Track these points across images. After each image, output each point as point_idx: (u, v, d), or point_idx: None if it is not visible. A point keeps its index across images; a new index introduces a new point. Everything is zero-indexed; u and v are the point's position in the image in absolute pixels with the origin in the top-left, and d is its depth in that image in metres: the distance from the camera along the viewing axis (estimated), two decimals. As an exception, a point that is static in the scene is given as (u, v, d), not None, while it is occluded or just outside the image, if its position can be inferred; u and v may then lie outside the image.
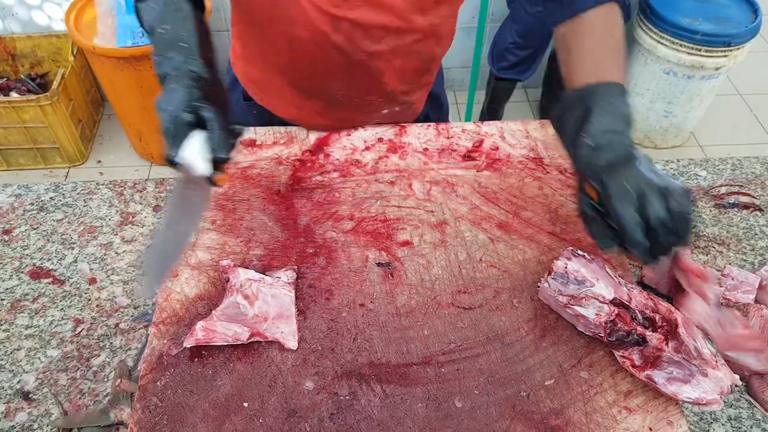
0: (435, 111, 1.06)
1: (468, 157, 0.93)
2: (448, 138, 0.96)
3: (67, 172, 2.23)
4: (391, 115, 0.91)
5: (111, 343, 0.83)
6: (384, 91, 0.83)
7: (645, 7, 2.10)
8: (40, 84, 2.25)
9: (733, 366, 0.79)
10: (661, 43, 2.06)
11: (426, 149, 0.94)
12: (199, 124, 0.63)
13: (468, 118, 2.29)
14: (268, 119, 0.96)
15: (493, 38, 2.22)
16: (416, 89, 0.92)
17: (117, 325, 0.84)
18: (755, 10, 2.07)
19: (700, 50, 2.02)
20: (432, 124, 0.98)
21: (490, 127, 0.97)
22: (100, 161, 2.27)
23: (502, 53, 2.17)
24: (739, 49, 2.03)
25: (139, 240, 0.92)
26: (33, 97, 1.98)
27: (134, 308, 0.86)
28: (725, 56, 2.03)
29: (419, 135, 0.96)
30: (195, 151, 0.62)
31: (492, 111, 2.36)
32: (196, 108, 0.62)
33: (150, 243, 0.69)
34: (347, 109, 0.87)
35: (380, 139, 0.94)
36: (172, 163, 0.63)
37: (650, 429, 0.65)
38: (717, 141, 2.41)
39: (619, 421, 0.65)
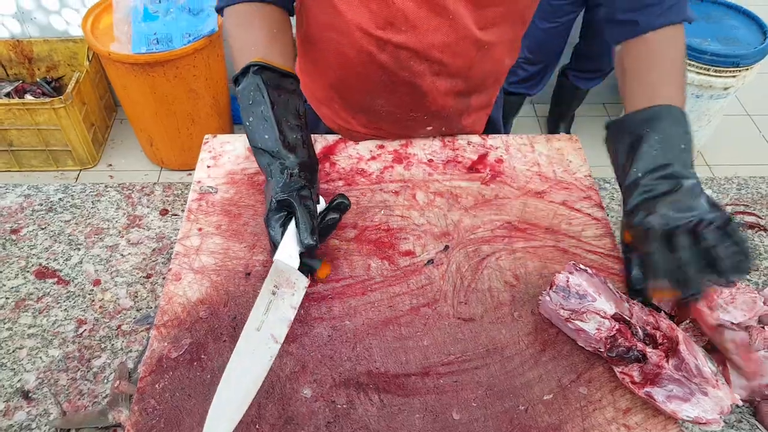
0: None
1: (472, 169, 0.93)
2: (453, 150, 0.96)
3: (78, 175, 2.26)
4: (437, 131, 0.93)
5: (112, 344, 0.83)
6: (429, 109, 0.85)
7: (655, 26, 2.11)
8: (56, 87, 2.28)
9: (753, 392, 0.79)
10: (670, 62, 2.07)
11: (431, 160, 0.94)
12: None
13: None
14: (315, 125, 0.99)
15: (504, 53, 2.24)
16: (467, 111, 0.92)
17: (119, 326, 0.85)
18: (764, 32, 2.08)
19: (708, 70, 2.02)
20: (438, 136, 0.98)
21: (495, 140, 0.98)
22: (110, 165, 2.30)
23: (512, 68, 2.18)
24: (747, 69, 2.03)
25: (145, 242, 0.93)
26: (47, 99, 2.01)
27: (137, 310, 0.87)
28: (734, 77, 2.03)
29: (425, 146, 0.96)
30: (288, 246, 0.68)
31: (500, 125, 2.37)
32: (284, 203, 0.68)
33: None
34: (391, 124, 0.89)
35: (382, 148, 0.95)
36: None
37: (649, 447, 0.64)
38: (725, 161, 2.40)
39: (617, 439, 0.64)
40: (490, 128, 1.05)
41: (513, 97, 2.27)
